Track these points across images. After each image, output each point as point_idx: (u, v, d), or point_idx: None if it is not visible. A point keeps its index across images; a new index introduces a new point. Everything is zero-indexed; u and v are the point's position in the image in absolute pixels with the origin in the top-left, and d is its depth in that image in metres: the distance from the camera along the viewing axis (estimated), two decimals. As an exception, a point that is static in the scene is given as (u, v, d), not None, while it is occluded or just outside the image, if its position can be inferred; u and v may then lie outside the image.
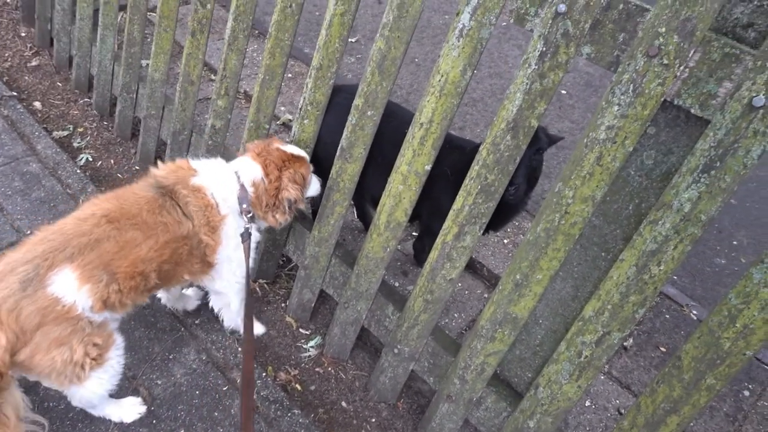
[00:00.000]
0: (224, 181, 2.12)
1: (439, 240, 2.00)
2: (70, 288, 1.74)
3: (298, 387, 2.47)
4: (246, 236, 2.11)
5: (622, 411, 2.62)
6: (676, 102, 1.43)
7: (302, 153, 2.27)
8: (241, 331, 2.50)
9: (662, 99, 1.43)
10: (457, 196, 1.90)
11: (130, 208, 1.91)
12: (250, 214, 2.12)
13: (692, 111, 1.42)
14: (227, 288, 2.28)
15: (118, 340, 1.95)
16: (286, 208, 2.20)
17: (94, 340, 1.82)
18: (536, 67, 1.61)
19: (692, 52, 1.36)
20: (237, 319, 2.45)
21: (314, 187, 2.36)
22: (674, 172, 1.52)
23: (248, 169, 2.17)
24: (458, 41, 1.76)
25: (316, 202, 2.62)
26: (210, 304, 2.45)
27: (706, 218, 1.42)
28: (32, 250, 1.76)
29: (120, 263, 1.84)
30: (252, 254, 2.15)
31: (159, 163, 2.17)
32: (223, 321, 2.47)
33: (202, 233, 2.03)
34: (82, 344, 1.78)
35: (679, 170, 1.44)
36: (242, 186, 2.13)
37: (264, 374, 2.40)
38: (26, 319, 1.67)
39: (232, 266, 2.19)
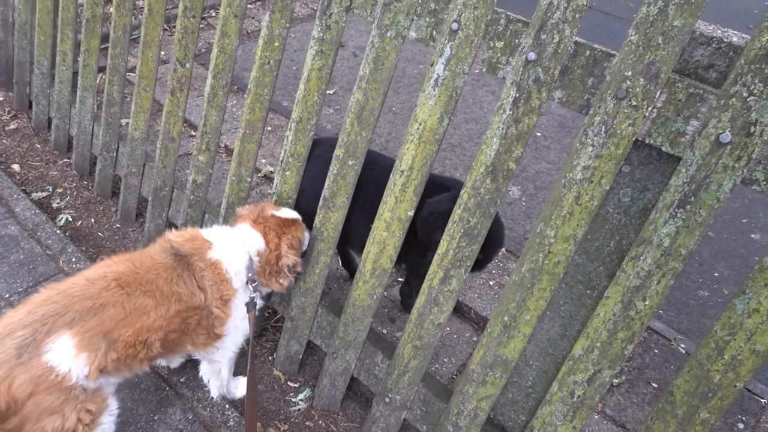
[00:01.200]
0: (237, 254, 2.13)
1: (425, 285, 2.01)
2: (66, 356, 1.72)
3: (289, 443, 2.40)
4: (252, 306, 2.11)
5: (619, 450, 2.58)
6: (647, 141, 1.48)
7: (296, 215, 2.29)
8: (229, 395, 2.47)
9: (634, 138, 1.48)
10: (441, 241, 1.92)
11: (145, 274, 1.91)
12: (255, 283, 2.13)
13: (663, 149, 1.47)
14: (222, 357, 2.28)
15: (112, 405, 1.92)
16: (287, 273, 2.21)
17: (87, 406, 1.78)
18: (511, 112, 1.66)
19: (659, 93, 1.42)
20: (225, 387, 2.43)
21: (307, 240, 2.36)
22: (651, 208, 1.56)
23: (252, 238, 2.18)
24: (434, 90, 1.81)
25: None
26: (200, 373, 2.42)
27: (686, 252, 1.45)
28: (33, 312, 1.74)
29: (123, 331, 1.82)
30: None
31: (173, 229, 2.20)
32: (210, 390, 2.43)
33: (213, 306, 2.04)
34: (75, 411, 1.74)
35: (655, 206, 1.48)
36: (249, 257, 2.15)
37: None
38: (18, 389, 1.64)
39: (236, 335, 2.20)
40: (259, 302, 2.24)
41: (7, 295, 2.74)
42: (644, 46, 1.40)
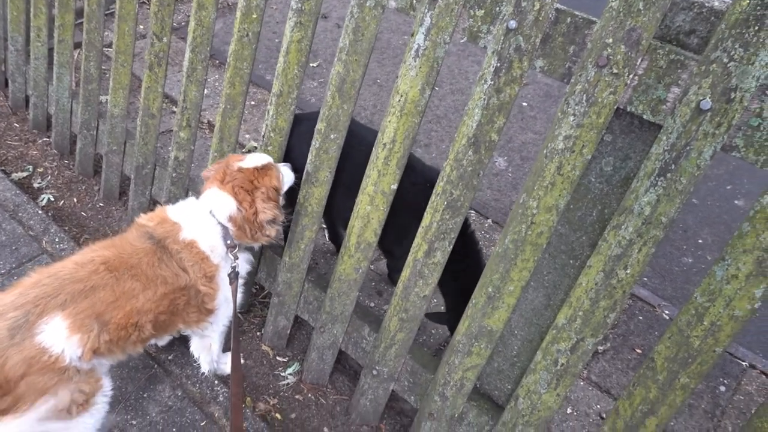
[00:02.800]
0: (208, 229, 2.06)
1: (410, 258, 2.01)
2: (60, 337, 1.71)
3: (278, 416, 2.43)
4: (234, 277, 2.07)
5: (603, 415, 2.63)
6: (628, 109, 1.47)
7: (265, 159, 2.17)
8: (218, 371, 2.48)
9: (615, 107, 1.47)
10: (425, 213, 1.91)
11: (129, 259, 1.90)
12: (235, 249, 2.08)
13: (644, 117, 1.46)
14: (214, 332, 2.27)
15: (106, 385, 1.92)
16: (269, 227, 2.13)
17: (81, 387, 1.79)
18: (492, 82, 1.64)
19: (639, 60, 1.41)
20: (215, 361, 2.43)
21: (288, 179, 2.25)
22: (633, 177, 1.56)
23: (220, 203, 2.09)
24: (415, 61, 1.78)
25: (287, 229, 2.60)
26: (191, 349, 2.42)
27: (666, 220, 1.46)
28: (24, 294, 1.74)
29: (114, 313, 1.82)
30: (240, 287, 2.15)
31: (141, 214, 2.15)
32: (201, 365, 2.44)
33: (199, 284, 2.02)
34: (69, 391, 1.75)
35: (637, 175, 1.48)
36: (221, 225, 2.08)
37: (242, 405, 2.35)
38: (11, 369, 1.64)
39: (228, 308, 2.18)
40: (246, 267, 2.22)
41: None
42: (625, 12, 1.38)
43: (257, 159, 2.15)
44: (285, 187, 2.23)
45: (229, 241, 2.07)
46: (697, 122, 1.36)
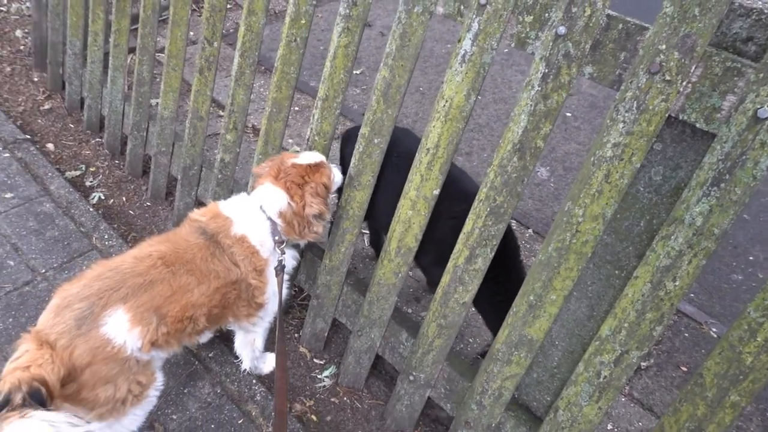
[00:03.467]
0: (258, 224, 2.11)
1: (450, 264, 2.00)
2: (122, 330, 1.78)
3: (314, 418, 2.44)
4: (279, 269, 2.11)
5: (645, 433, 2.56)
6: (681, 117, 1.44)
7: (318, 157, 2.23)
8: (255, 370, 2.52)
9: (667, 114, 1.44)
10: (467, 219, 1.91)
11: (184, 254, 1.96)
12: (283, 245, 2.13)
13: (697, 125, 1.42)
14: (261, 326, 2.32)
15: (159, 379, 1.98)
16: (315, 222, 2.17)
17: (138, 378, 1.85)
18: (539, 88, 1.63)
19: (693, 67, 1.38)
20: (256, 359, 2.48)
21: (338, 178, 2.28)
22: (683, 187, 1.52)
23: (272, 198, 2.14)
24: (461, 66, 1.78)
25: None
26: (235, 345, 2.47)
27: (719, 231, 1.41)
28: (89, 287, 1.81)
29: (171, 307, 1.88)
30: (285, 282, 2.19)
31: (195, 208, 2.20)
32: (242, 361, 2.48)
33: (250, 278, 2.08)
34: (127, 382, 1.82)
35: (688, 185, 1.44)
36: (271, 221, 2.13)
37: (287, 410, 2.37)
38: (78, 358, 1.71)
39: (276, 302, 2.20)
40: (292, 262, 2.26)
41: (44, 270, 2.82)
42: (680, 19, 1.35)
43: (311, 157, 2.20)
44: (334, 186, 2.26)
45: (277, 237, 2.12)
46: (754, 131, 1.32)
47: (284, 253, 2.14)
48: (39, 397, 1.56)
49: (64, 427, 1.55)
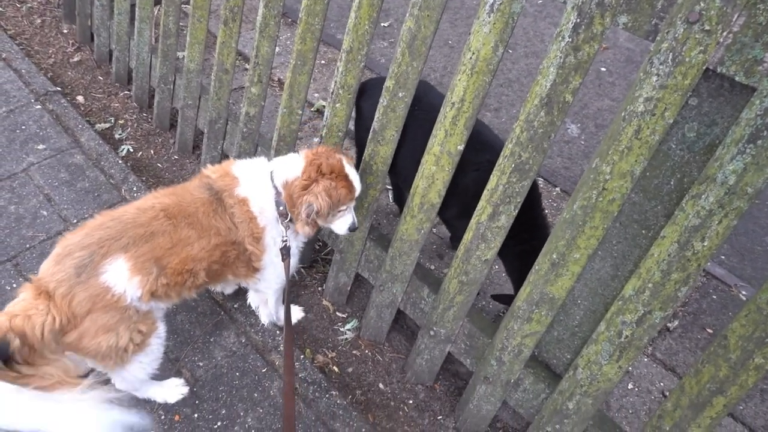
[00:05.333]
0: (262, 190, 2.06)
1: (473, 221, 1.98)
2: (122, 278, 1.80)
3: (336, 369, 2.49)
4: (285, 253, 2.06)
5: (666, 394, 2.55)
6: (719, 70, 1.37)
7: (357, 183, 2.08)
8: (278, 323, 2.56)
9: (704, 67, 1.36)
10: (491, 176, 1.87)
11: (187, 207, 1.96)
12: (288, 219, 2.06)
13: (737, 79, 1.35)
14: (267, 288, 2.34)
15: (161, 328, 2.02)
16: (305, 217, 2.02)
17: (139, 327, 1.88)
18: (570, 39, 1.56)
19: (736, 16, 1.30)
20: (273, 314, 2.51)
21: (344, 222, 2.14)
22: (718, 145, 1.46)
23: (286, 166, 2.08)
24: (489, 17, 1.72)
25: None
26: (248, 300, 2.51)
27: (752, 191, 1.36)
28: (90, 235, 1.83)
29: (171, 259, 1.89)
30: (294, 262, 2.16)
31: (209, 165, 2.19)
32: (260, 315, 2.53)
33: (246, 243, 2.07)
34: (128, 331, 1.84)
35: (723, 142, 1.38)
36: (276, 190, 2.07)
37: (302, 356, 2.43)
38: (78, 305, 1.74)
39: (275, 270, 2.21)
40: (296, 243, 2.20)
41: (75, 221, 2.89)
42: (723, -37, 1.27)
43: (354, 175, 2.09)
44: (339, 213, 2.11)
45: (282, 208, 2.06)
46: (797, 85, 1.25)
47: (288, 228, 2.07)
48: (4, 349, 1.59)
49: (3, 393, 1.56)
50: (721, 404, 1.56)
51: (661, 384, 2.58)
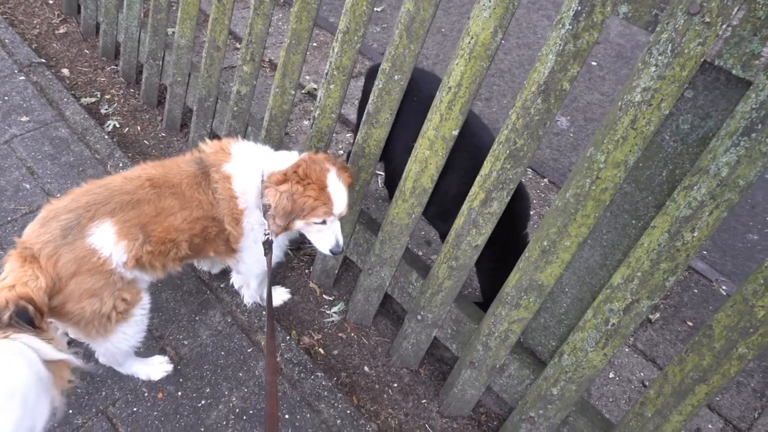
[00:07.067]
0: (248, 173, 2.02)
1: (465, 206, 1.99)
2: (108, 241, 1.78)
3: (321, 351, 2.50)
4: (267, 247, 2.01)
5: (646, 383, 2.60)
6: (716, 63, 1.38)
7: (338, 198, 1.96)
8: (262, 303, 2.55)
9: (702, 59, 1.38)
10: (485, 162, 1.88)
11: (172, 178, 1.95)
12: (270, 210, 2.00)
13: (734, 72, 1.37)
14: (248, 273, 2.33)
15: (145, 299, 1.99)
16: (263, 210, 1.98)
17: (123, 295, 1.86)
18: (570, 27, 1.56)
19: (736, 9, 1.31)
20: (255, 296, 2.50)
21: (324, 240, 2.03)
22: (711, 138, 1.48)
23: (279, 159, 2.04)
24: (489, 1, 1.71)
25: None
26: (231, 280, 2.50)
27: (744, 183, 1.38)
28: (77, 200, 1.81)
29: (155, 227, 1.88)
30: (277, 254, 2.14)
31: (207, 140, 2.15)
32: (243, 297, 2.53)
33: (226, 222, 2.04)
34: (112, 297, 1.82)
35: (717, 134, 1.40)
36: (262, 178, 2.01)
37: (288, 337, 2.43)
38: (63, 267, 1.71)
39: (254, 255, 2.18)
40: (280, 239, 2.15)
41: (59, 195, 2.83)
42: (726, -45, 1.28)
43: (338, 191, 1.96)
44: (315, 227, 2.01)
45: (264, 199, 2.00)
46: (793, 80, 1.26)
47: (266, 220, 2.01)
48: (26, 316, 1.56)
49: (47, 351, 1.49)
50: (703, 392, 1.59)
51: (641, 374, 2.63)
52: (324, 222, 1.99)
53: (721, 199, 1.42)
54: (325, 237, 2.03)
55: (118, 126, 3.42)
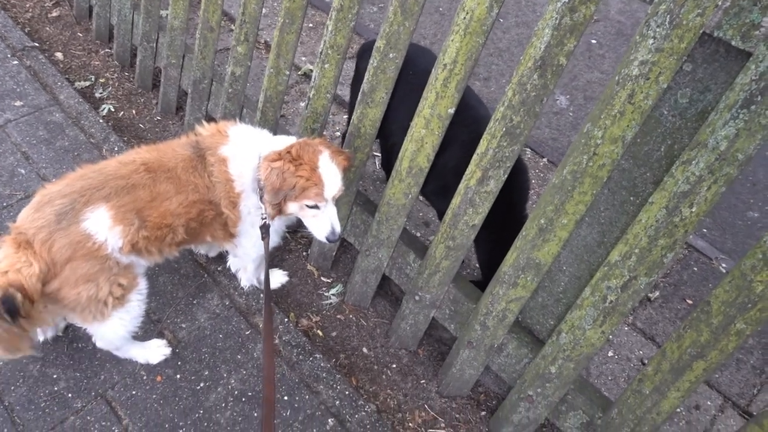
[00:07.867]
0: (245, 155, 2.00)
1: (461, 185, 1.97)
2: (103, 226, 1.77)
3: (320, 333, 2.49)
4: (264, 231, 2.00)
5: (645, 362, 2.60)
6: (716, 34, 1.35)
7: (329, 181, 1.93)
8: (259, 286, 2.54)
9: (701, 31, 1.35)
10: (481, 140, 1.85)
11: (167, 162, 1.92)
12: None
13: (733, 43, 1.34)
14: (245, 256, 2.32)
15: (142, 284, 1.98)
16: (257, 185, 1.97)
17: (119, 280, 1.85)
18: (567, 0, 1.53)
19: (736, -22, 1.28)
20: (253, 279, 2.49)
21: (319, 226, 1.99)
22: (710, 112, 1.45)
23: (276, 143, 2.01)
24: (484, -25, 1.68)
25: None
26: (228, 263, 2.48)
27: (743, 157, 1.36)
28: (71, 185, 1.79)
29: (151, 212, 1.86)
30: (274, 240, 2.12)
31: (204, 123, 2.13)
32: (240, 280, 2.52)
33: (223, 205, 2.02)
34: (108, 283, 1.81)
35: (716, 107, 1.37)
36: (259, 159, 1.98)
37: (286, 320, 2.43)
38: (58, 252, 1.70)
39: (251, 239, 2.17)
40: (277, 224, 2.14)
41: (54, 180, 2.82)
42: None
43: (330, 173, 1.93)
44: (309, 210, 1.97)
45: (261, 181, 1.98)
46: (794, 50, 1.24)
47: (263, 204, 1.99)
48: (11, 304, 1.56)
49: None
50: (700, 368, 1.58)
51: (640, 352, 2.63)
52: (317, 206, 1.96)
53: (720, 173, 1.40)
54: (321, 223, 2.01)
55: (113, 110, 3.39)
